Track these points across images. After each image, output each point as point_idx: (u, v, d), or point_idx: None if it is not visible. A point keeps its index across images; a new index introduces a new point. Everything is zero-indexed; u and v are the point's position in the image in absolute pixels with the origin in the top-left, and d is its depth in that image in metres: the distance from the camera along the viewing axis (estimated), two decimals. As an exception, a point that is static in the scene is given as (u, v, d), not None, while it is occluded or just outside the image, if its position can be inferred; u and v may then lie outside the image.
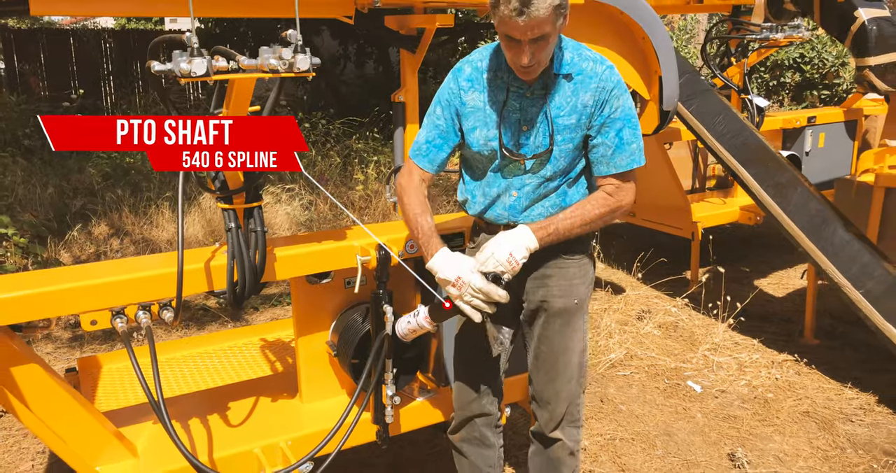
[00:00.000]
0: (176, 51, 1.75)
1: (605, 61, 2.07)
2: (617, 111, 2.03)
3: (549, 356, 2.24)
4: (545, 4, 1.83)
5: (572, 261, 2.20)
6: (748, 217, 5.17)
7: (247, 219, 2.14)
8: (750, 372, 3.83)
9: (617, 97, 2.03)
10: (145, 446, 2.28)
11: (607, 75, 2.04)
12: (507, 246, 2.01)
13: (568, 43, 2.09)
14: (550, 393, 2.27)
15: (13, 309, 1.92)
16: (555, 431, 2.30)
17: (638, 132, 2.07)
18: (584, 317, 2.29)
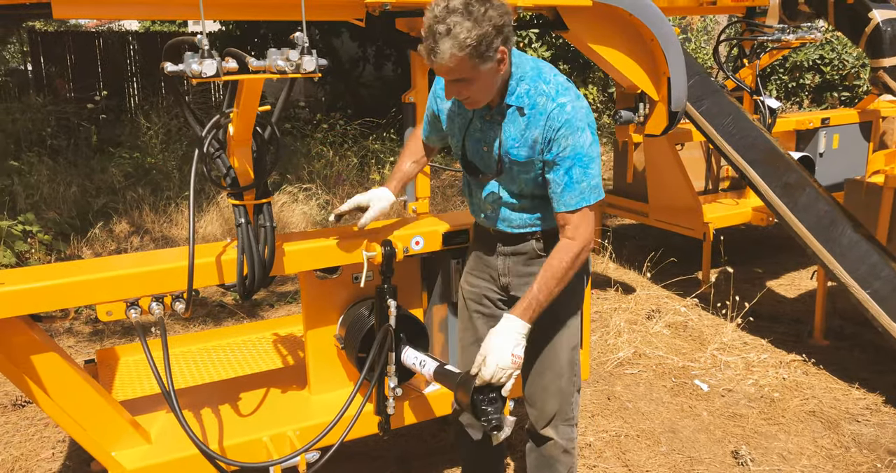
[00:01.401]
0: (188, 52, 1.83)
1: (560, 96, 2.00)
2: (565, 150, 1.98)
3: (535, 353, 2.27)
4: (451, 52, 1.84)
5: None
6: (760, 218, 5.18)
7: (256, 214, 2.21)
8: (757, 372, 3.85)
9: (565, 136, 1.98)
10: (159, 433, 2.37)
11: (556, 114, 1.98)
12: (506, 349, 1.99)
13: (527, 75, 2.04)
14: (538, 388, 2.30)
15: (33, 299, 2.01)
16: (546, 429, 2.30)
17: (591, 170, 2.01)
18: (575, 315, 2.29)
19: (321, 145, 8.35)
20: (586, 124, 2.01)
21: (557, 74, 2.07)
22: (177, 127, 8.82)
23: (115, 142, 8.88)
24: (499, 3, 1.90)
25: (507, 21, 1.90)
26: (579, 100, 2.03)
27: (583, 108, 2.02)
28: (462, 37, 1.83)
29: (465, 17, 1.84)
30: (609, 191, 5.82)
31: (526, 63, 2.06)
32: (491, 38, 1.87)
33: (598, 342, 4.20)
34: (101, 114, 10.63)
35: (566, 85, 2.04)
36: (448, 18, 1.84)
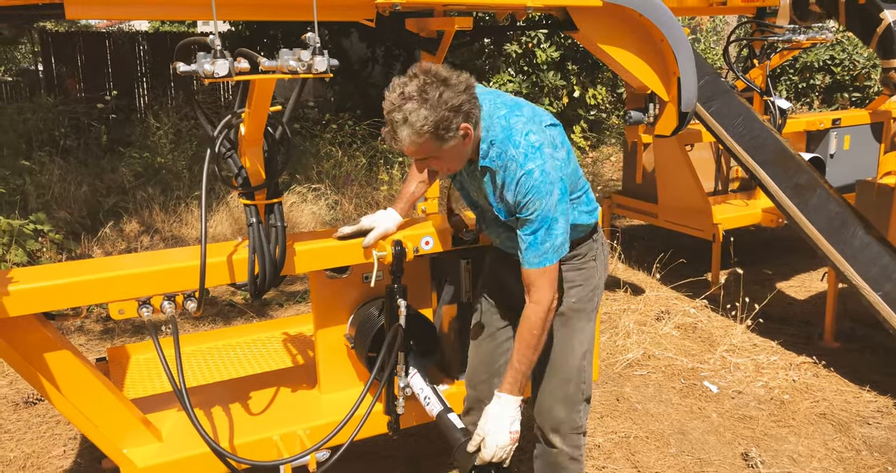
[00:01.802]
0: (200, 52, 1.84)
1: (528, 161, 1.99)
2: (533, 214, 2.01)
3: (547, 355, 2.28)
4: (410, 139, 1.90)
5: (568, 265, 2.27)
6: (770, 219, 5.16)
7: (268, 214, 2.22)
8: (767, 374, 3.84)
9: (533, 202, 1.99)
10: (170, 431, 2.38)
11: (524, 180, 1.99)
12: (501, 429, 2.06)
13: (497, 138, 2.04)
14: (545, 392, 2.30)
15: (46, 297, 2.03)
16: (552, 436, 2.30)
17: (555, 231, 2.02)
18: (587, 321, 2.30)
19: (330, 145, 8.36)
20: (555, 185, 2.00)
21: (529, 132, 2.03)
22: (187, 127, 8.86)
23: (125, 142, 8.93)
24: (455, 82, 1.93)
25: (465, 99, 1.93)
26: (549, 161, 2.01)
27: (552, 169, 2.00)
28: (419, 125, 1.88)
29: (420, 104, 1.88)
30: (618, 192, 5.83)
31: (496, 125, 2.06)
32: (449, 121, 1.90)
33: (607, 343, 4.20)
34: (111, 114, 10.68)
35: (537, 144, 2.01)
36: (404, 106, 1.89)
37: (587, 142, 10.12)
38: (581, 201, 2.24)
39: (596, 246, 2.32)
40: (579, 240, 2.27)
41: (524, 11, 3.24)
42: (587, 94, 10.14)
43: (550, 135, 2.08)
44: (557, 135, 2.12)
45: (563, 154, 2.10)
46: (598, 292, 2.34)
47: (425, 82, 1.90)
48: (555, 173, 2.00)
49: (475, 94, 1.98)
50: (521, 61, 9.76)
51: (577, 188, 2.23)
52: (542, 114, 2.13)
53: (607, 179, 8.52)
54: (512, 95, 2.20)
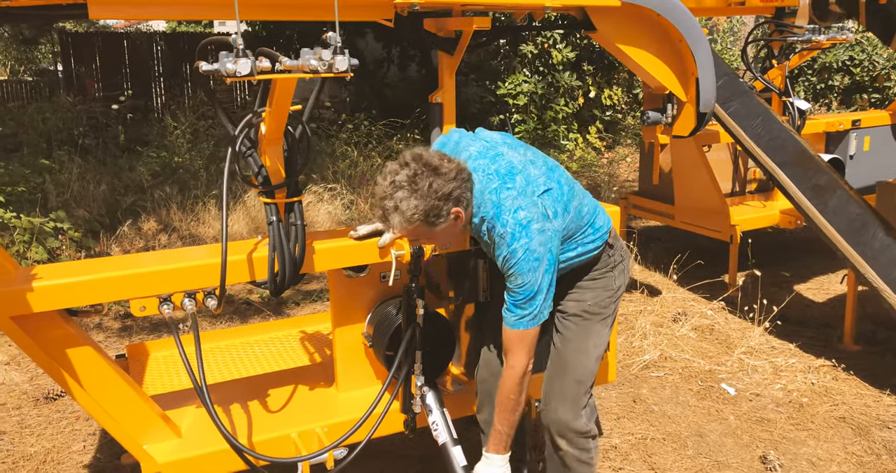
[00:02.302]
0: (222, 52, 1.85)
1: (514, 241, 2.04)
2: (515, 286, 2.08)
3: (561, 354, 2.34)
4: (402, 225, 2.00)
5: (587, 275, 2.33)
6: (789, 221, 5.12)
7: (288, 213, 2.24)
8: (785, 377, 3.81)
9: (516, 276, 2.06)
10: (189, 428, 2.40)
11: (508, 258, 2.06)
12: None
13: (488, 215, 2.10)
14: (555, 390, 2.33)
15: (69, 293, 2.05)
16: (559, 439, 2.33)
17: (535, 302, 2.07)
18: (604, 325, 2.33)
19: (346, 145, 8.39)
20: (542, 258, 2.04)
21: (518, 209, 2.06)
22: (204, 127, 8.92)
23: (143, 142, 9.00)
24: (446, 170, 1.99)
25: (455, 186, 1.99)
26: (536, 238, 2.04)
27: (539, 246, 2.04)
28: (409, 214, 1.96)
29: (411, 193, 1.95)
30: (634, 193, 5.81)
31: (487, 201, 2.10)
32: (439, 208, 1.98)
33: (624, 344, 4.18)
34: (129, 113, 10.78)
35: (525, 222, 2.05)
36: (395, 194, 1.97)
37: (602, 143, 10.09)
38: (586, 235, 2.28)
39: (612, 260, 2.35)
40: (593, 260, 2.33)
41: (542, 11, 3.24)
42: (603, 95, 10.11)
43: (542, 206, 2.10)
44: (551, 202, 2.12)
45: (557, 223, 2.12)
46: (616, 298, 2.36)
47: (416, 172, 1.96)
48: (542, 249, 2.05)
49: (466, 177, 2.04)
50: (536, 61, 9.75)
51: (582, 226, 2.26)
52: (535, 182, 2.13)
53: (623, 180, 8.49)
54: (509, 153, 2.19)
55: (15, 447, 3.23)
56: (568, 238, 2.22)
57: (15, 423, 3.43)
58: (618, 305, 2.39)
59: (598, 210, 2.34)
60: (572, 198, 2.22)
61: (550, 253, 2.08)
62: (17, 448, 3.22)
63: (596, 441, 2.40)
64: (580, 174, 8.44)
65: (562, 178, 2.23)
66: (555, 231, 2.11)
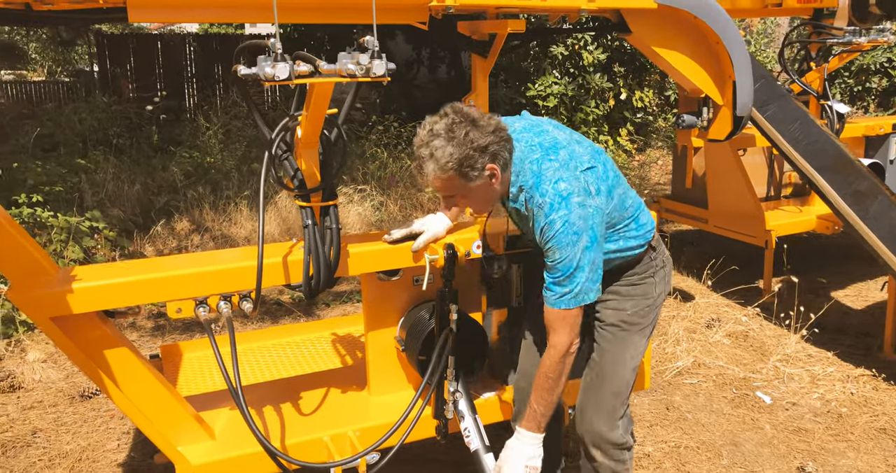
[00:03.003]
0: (260, 56, 1.86)
1: (552, 211, 1.99)
2: (553, 261, 2.02)
3: (598, 365, 2.30)
4: (434, 174, 1.96)
5: (624, 281, 2.27)
6: (826, 226, 5.02)
7: (323, 216, 2.24)
8: (823, 386, 3.73)
9: (554, 250, 2.00)
10: (222, 430, 2.41)
11: (546, 230, 2.00)
12: (518, 463, 2.11)
13: (527, 184, 2.05)
14: (591, 401, 2.30)
15: (107, 295, 2.07)
16: (594, 450, 2.29)
17: (577, 280, 2.01)
18: (642, 336, 2.28)
19: (375, 147, 8.41)
20: (582, 233, 1.99)
21: (559, 180, 2.01)
22: (236, 127, 9.00)
23: (176, 142, 9.11)
24: (485, 123, 1.98)
25: (492, 140, 1.97)
26: (576, 211, 1.98)
27: (578, 219, 1.98)
28: (443, 161, 1.94)
29: (447, 141, 1.94)
30: (667, 196, 5.74)
31: (527, 170, 2.07)
32: (474, 160, 1.95)
33: (657, 350, 4.13)
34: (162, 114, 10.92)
35: (565, 193, 1.99)
36: (431, 142, 1.96)
37: (633, 146, 9.99)
38: (629, 228, 2.23)
39: (654, 263, 2.29)
40: (634, 261, 2.28)
41: (577, 13, 3.22)
42: (634, 97, 10.02)
43: (585, 181, 2.04)
44: (594, 180, 2.07)
45: (600, 200, 2.06)
46: (655, 308, 2.31)
47: (454, 121, 1.96)
48: (581, 222, 1.99)
49: (506, 137, 2.02)
50: (567, 63, 9.69)
51: (625, 218, 2.21)
52: (580, 158, 2.08)
53: (654, 183, 8.40)
54: (554, 131, 2.16)
55: (51, 444, 3.28)
56: (610, 227, 2.16)
57: (51, 421, 3.48)
58: (657, 315, 2.34)
59: (643, 207, 2.29)
60: (617, 185, 2.16)
61: (592, 231, 2.01)
62: (54, 445, 3.27)
63: (631, 452, 2.36)
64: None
65: (607, 163, 2.16)
66: (597, 208, 2.04)
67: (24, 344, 4.18)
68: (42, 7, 2.44)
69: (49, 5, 2.44)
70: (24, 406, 3.64)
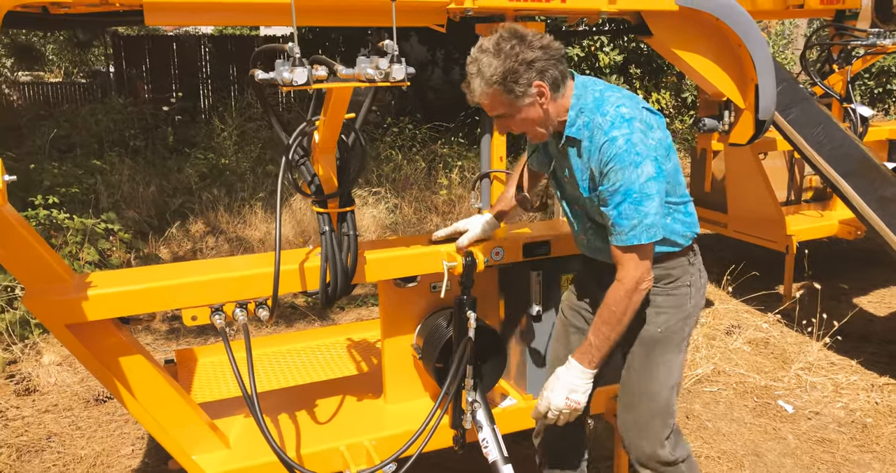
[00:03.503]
0: (278, 60, 1.82)
1: (614, 129, 1.92)
2: (614, 185, 1.92)
3: (630, 383, 2.21)
4: (481, 88, 1.94)
5: (657, 288, 2.14)
6: (848, 231, 4.93)
7: (340, 222, 2.20)
8: (847, 395, 3.65)
9: (615, 171, 1.91)
10: (237, 438, 2.38)
11: (606, 147, 1.92)
12: (562, 392, 2.07)
13: (587, 107, 2.00)
14: (630, 422, 2.23)
15: (122, 302, 2.05)
16: (642, 470, 2.23)
17: (644, 207, 1.91)
18: (676, 351, 2.17)
19: (390, 149, 8.39)
20: (645, 158, 1.90)
21: (622, 105, 1.97)
22: (251, 129, 9.00)
23: (191, 143, 9.13)
24: (532, 39, 1.94)
25: (539, 55, 1.92)
26: (638, 133, 1.92)
27: (640, 142, 1.91)
28: (488, 74, 1.92)
29: (493, 56, 1.92)
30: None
31: (589, 95, 2.02)
32: (519, 73, 1.91)
33: (675, 357, 4.06)
34: (177, 115, 10.95)
35: (627, 116, 1.94)
36: (479, 58, 1.95)
37: (649, 148, 9.91)
38: (680, 210, 2.12)
39: (692, 270, 2.17)
40: (672, 258, 2.14)
41: (597, 16, 3.16)
42: (650, 99, 9.93)
43: (646, 116, 1.99)
44: (655, 120, 2.01)
45: (660, 136, 1.98)
46: (690, 321, 2.19)
47: (501, 37, 1.94)
48: (643, 146, 1.90)
49: (557, 56, 1.96)
50: (583, 65, 9.62)
51: (677, 194, 2.10)
52: (643, 102, 2.05)
53: (671, 186, 8.31)
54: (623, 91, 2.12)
55: (66, 449, 3.27)
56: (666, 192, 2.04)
57: (66, 425, 3.47)
58: (692, 328, 2.22)
59: (691, 201, 2.18)
60: (674, 153, 2.06)
61: (657, 162, 1.91)
62: (69, 450, 3.26)
63: (682, 466, 2.23)
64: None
65: (665, 131, 2.06)
66: (659, 141, 1.96)
67: (39, 347, 4.17)
68: (59, 10, 2.42)
69: (66, 9, 2.42)
70: (39, 409, 3.63)
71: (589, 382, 2.06)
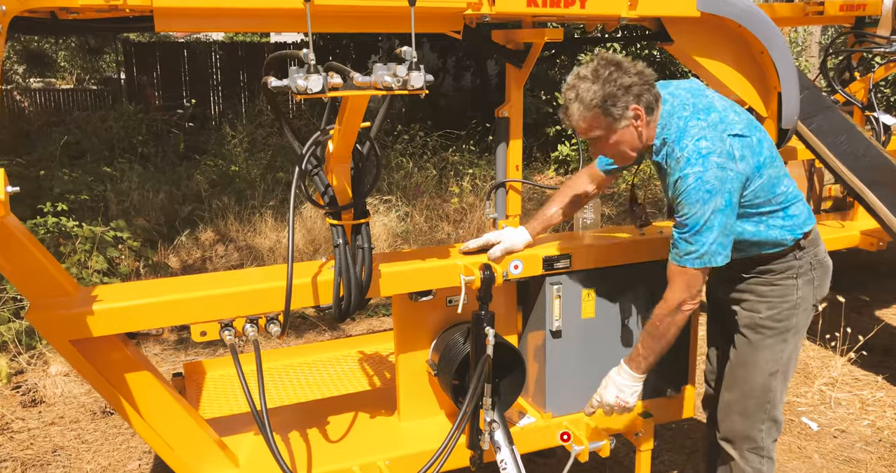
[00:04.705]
0: (292, 67, 1.75)
1: (687, 166, 1.99)
2: (683, 217, 2.03)
3: (730, 365, 2.31)
4: (579, 112, 2.03)
5: (761, 279, 2.23)
6: (870, 242, 4.81)
7: (354, 234, 2.13)
8: (873, 412, 3.55)
9: (683, 206, 2.01)
10: (247, 457, 2.30)
11: (679, 183, 2.02)
12: (613, 391, 2.18)
13: (670, 136, 2.07)
14: (723, 402, 2.33)
15: (128, 317, 1.98)
16: (728, 445, 2.31)
17: (702, 239, 2.00)
18: (781, 340, 2.23)
19: (401, 157, 8.33)
20: (715, 194, 1.98)
21: (702, 138, 2.02)
22: (262, 136, 8.96)
23: (201, 150, 9.09)
24: (628, 67, 2.04)
25: (636, 81, 2.03)
26: (713, 170, 1.98)
27: (713, 179, 1.98)
28: (588, 98, 2.02)
29: (592, 82, 2.02)
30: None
31: (673, 124, 2.09)
32: (617, 97, 2.00)
33: (694, 371, 3.96)
34: (188, 122, 10.93)
35: (705, 151, 1.99)
36: (578, 85, 2.05)
37: (662, 156, 9.81)
38: (775, 216, 2.17)
39: (798, 264, 2.21)
40: (773, 256, 2.21)
41: (617, 22, 3.09)
42: (664, 106, 9.84)
43: (730, 145, 2.03)
44: (740, 146, 2.04)
45: (743, 167, 2.03)
46: (799, 311, 2.23)
47: (598, 64, 2.05)
48: (717, 183, 1.98)
49: (650, 82, 2.07)
50: (595, 72, 9.55)
51: (772, 203, 2.16)
52: (731, 124, 2.08)
53: (685, 194, 8.21)
54: (714, 97, 2.18)
55: (72, 463, 3.20)
56: (753, 207, 2.12)
57: (73, 438, 3.41)
58: (802, 319, 2.25)
59: (800, 201, 2.22)
60: (769, 165, 2.11)
61: (729, 194, 1.99)
62: (74, 464, 3.19)
63: (769, 463, 2.31)
64: (640, 186, 8.19)
65: (764, 140, 2.14)
66: (738, 173, 2.02)
67: (46, 357, 4.12)
68: (68, 16, 2.37)
69: (74, 14, 2.37)
70: (45, 421, 3.57)
71: (637, 385, 2.17)
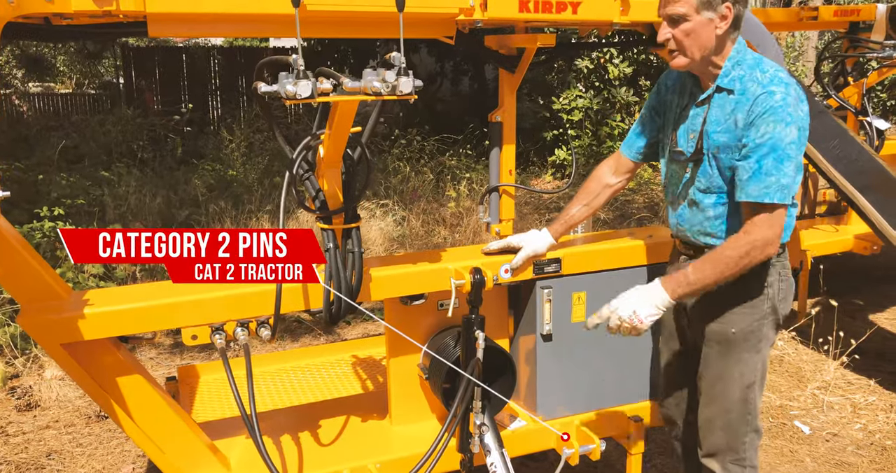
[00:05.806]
0: (282, 72, 1.77)
1: (773, 85, 1.94)
2: (763, 137, 1.92)
3: (706, 381, 2.22)
4: None
5: (732, 288, 2.08)
6: (864, 246, 4.84)
7: (345, 239, 2.14)
8: (865, 416, 3.55)
9: (767, 122, 1.91)
10: (238, 461, 2.31)
11: (762, 99, 1.93)
12: (632, 304, 2.00)
13: (745, 60, 2.02)
14: (703, 419, 2.24)
15: (119, 321, 1.99)
16: (709, 460, 2.24)
17: (785, 167, 1.91)
18: (754, 351, 2.15)
19: (398, 161, 8.34)
20: (795, 121, 1.92)
21: (780, 71, 1.99)
22: (259, 140, 8.98)
23: (199, 154, 9.11)
24: None
25: None
26: (794, 97, 1.93)
27: (794, 105, 1.92)
28: None
29: None
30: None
31: (748, 53, 2.05)
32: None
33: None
34: (186, 126, 10.94)
35: (787, 81, 1.96)
36: None
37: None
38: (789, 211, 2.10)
39: (772, 271, 2.11)
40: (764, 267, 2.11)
41: (609, 27, 3.11)
42: (660, 111, 9.87)
43: (799, 92, 1.99)
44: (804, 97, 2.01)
45: (807, 109, 1.98)
46: (768, 322, 2.14)
47: None
48: (796, 109, 1.92)
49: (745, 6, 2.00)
50: (592, 76, 9.58)
51: None
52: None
53: (681, 199, 8.22)
54: None
55: (66, 467, 3.20)
56: None
57: (67, 441, 3.41)
58: (772, 330, 2.17)
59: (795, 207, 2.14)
60: None
61: (801, 131, 1.93)
62: (69, 467, 3.20)
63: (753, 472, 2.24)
64: (637, 191, 8.21)
65: None
66: (807, 115, 1.97)
67: (41, 361, 4.12)
68: (61, 22, 2.38)
69: (68, 20, 2.38)
70: (40, 425, 3.57)
71: (661, 310, 2.00)
